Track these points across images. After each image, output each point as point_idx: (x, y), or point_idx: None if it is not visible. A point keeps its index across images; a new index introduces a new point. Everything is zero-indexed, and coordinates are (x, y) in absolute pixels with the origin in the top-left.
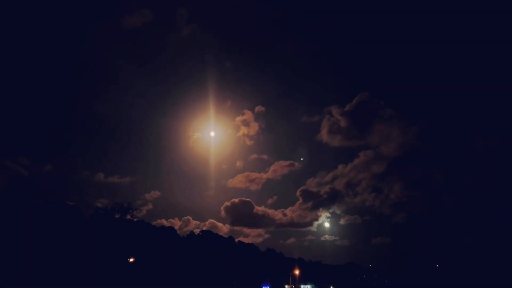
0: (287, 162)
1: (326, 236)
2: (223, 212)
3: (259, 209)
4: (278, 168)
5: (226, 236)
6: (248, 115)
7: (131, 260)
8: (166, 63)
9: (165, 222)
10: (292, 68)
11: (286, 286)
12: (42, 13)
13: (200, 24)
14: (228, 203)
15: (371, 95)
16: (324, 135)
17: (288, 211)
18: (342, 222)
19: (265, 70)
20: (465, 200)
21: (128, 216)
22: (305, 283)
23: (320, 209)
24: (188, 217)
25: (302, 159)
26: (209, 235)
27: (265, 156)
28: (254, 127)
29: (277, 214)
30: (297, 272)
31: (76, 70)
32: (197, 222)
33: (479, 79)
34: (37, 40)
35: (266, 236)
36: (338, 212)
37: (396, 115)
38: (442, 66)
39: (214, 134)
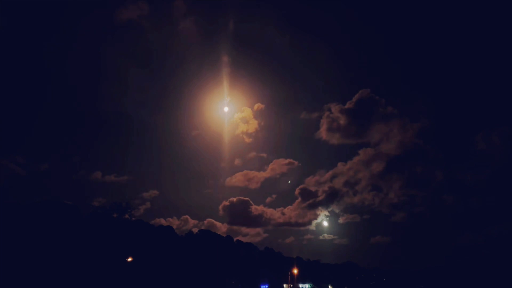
0: (286, 161)
1: (325, 235)
2: (221, 211)
3: (258, 208)
4: (277, 167)
5: (224, 236)
6: (247, 112)
7: (130, 259)
8: (163, 60)
9: (163, 221)
10: (292, 64)
11: (285, 285)
12: (36, 10)
13: (197, 18)
14: (227, 202)
15: (372, 92)
16: (323, 132)
17: (286, 210)
18: (341, 221)
19: (265, 66)
20: (465, 199)
21: (126, 216)
22: (304, 282)
23: (319, 208)
24: (187, 216)
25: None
26: (207, 235)
27: (264, 154)
28: (253, 124)
29: (275, 213)
30: (295, 271)
31: (72, 68)
32: (196, 221)
33: (481, 77)
34: (32, 37)
35: (265, 235)
36: (337, 211)
37: (397, 113)
38: (444, 64)
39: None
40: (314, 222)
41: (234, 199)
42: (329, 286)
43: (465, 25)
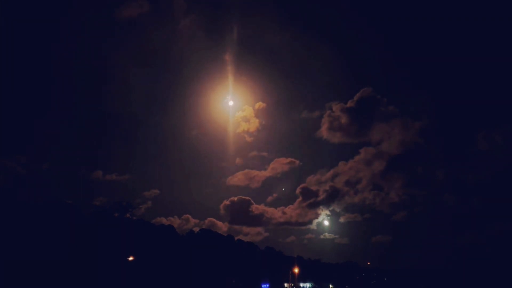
0: (287, 160)
1: (326, 234)
2: (222, 211)
3: (259, 207)
4: (278, 166)
5: (225, 235)
6: (248, 111)
7: (131, 258)
8: (164, 59)
9: (164, 221)
10: (293, 63)
11: (286, 285)
12: (35, 9)
13: (198, 16)
14: (228, 202)
15: (374, 91)
16: (324, 131)
17: (287, 209)
18: (342, 220)
19: (266, 64)
20: (466, 199)
21: (127, 215)
22: (304, 282)
23: (320, 207)
24: (188, 215)
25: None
26: (208, 234)
27: (265, 154)
28: (255, 123)
29: (276, 213)
30: (296, 270)
31: (72, 67)
32: (196, 221)
33: (483, 76)
34: (32, 36)
35: (266, 234)
36: (338, 210)
37: (398, 112)
38: (446, 63)
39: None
40: (315, 221)
41: (235, 198)
42: (330, 285)
43: (466, 24)
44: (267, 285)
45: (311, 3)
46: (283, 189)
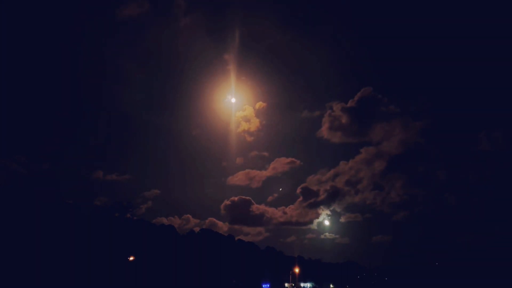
0: (288, 160)
1: (326, 234)
2: (222, 211)
3: (259, 207)
4: (279, 166)
5: (225, 235)
6: (248, 111)
7: (131, 258)
8: (164, 58)
9: (164, 220)
10: (294, 63)
11: (286, 285)
12: (35, 7)
13: (198, 15)
14: (228, 202)
15: (374, 91)
16: (325, 131)
17: (288, 209)
18: (342, 220)
19: (267, 64)
20: (467, 199)
21: (128, 215)
22: (305, 281)
23: (321, 207)
24: (188, 215)
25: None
26: (208, 234)
27: (265, 153)
28: (255, 123)
29: (277, 212)
30: (297, 270)
31: (72, 66)
32: (197, 221)
33: (484, 76)
34: (32, 36)
35: (266, 234)
36: (338, 210)
37: (399, 112)
38: (446, 62)
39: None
40: (316, 221)
41: (236, 198)
42: (331, 285)
43: (467, 23)
44: (268, 285)
45: (311, 3)
46: (280, 189)
